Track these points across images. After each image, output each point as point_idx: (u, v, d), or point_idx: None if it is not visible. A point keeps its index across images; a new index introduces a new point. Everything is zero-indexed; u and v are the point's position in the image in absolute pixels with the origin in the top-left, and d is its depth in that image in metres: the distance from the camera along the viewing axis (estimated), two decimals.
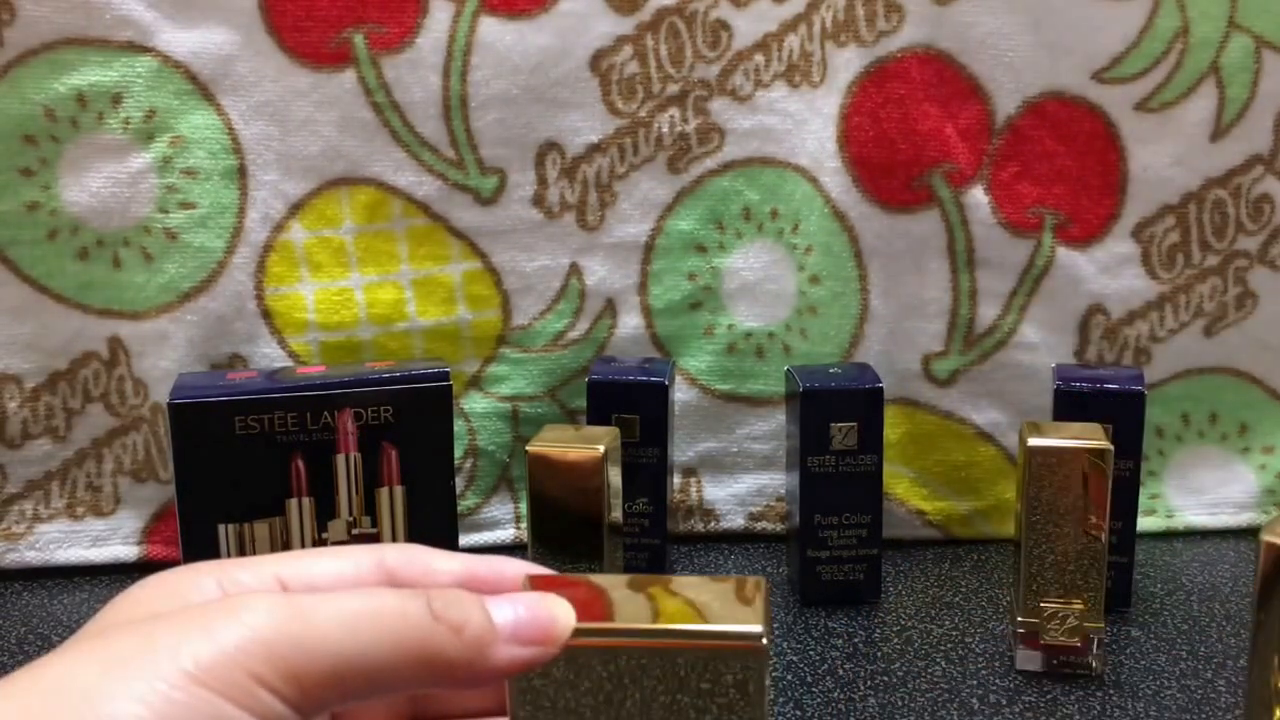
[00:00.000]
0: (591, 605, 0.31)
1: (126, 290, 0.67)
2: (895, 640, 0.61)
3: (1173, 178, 0.70)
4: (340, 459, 0.58)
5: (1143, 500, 0.64)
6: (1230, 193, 0.70)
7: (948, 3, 0.67)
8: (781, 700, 0.55)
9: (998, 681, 0.57)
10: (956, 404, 0.72)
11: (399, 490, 0.59)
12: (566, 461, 0.58)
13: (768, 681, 0.30)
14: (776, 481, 0.73)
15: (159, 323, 0.68)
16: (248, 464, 0.57)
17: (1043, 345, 0.71)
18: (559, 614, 0.30)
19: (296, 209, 0.68)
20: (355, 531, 0.59)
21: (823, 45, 0.69)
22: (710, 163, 0.70)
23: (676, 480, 0.73)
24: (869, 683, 0.57)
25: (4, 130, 0.65)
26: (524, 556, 0.41)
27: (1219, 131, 0.69)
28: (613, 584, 0.33)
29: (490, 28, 0.67)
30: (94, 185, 0.66)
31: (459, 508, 0.66)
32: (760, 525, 0.74)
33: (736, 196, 0.71)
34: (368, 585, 0.32)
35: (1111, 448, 0.55)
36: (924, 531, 0.73)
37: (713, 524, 0.74)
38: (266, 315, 0.69)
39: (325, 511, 0.58)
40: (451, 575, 0.33)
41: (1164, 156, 0.69)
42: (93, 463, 0.69)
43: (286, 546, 0.58)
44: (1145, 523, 0.67)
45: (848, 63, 0.68)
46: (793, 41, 0.69)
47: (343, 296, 0.69)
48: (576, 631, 0.30)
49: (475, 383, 0.71)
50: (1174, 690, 0.56)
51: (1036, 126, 0.69)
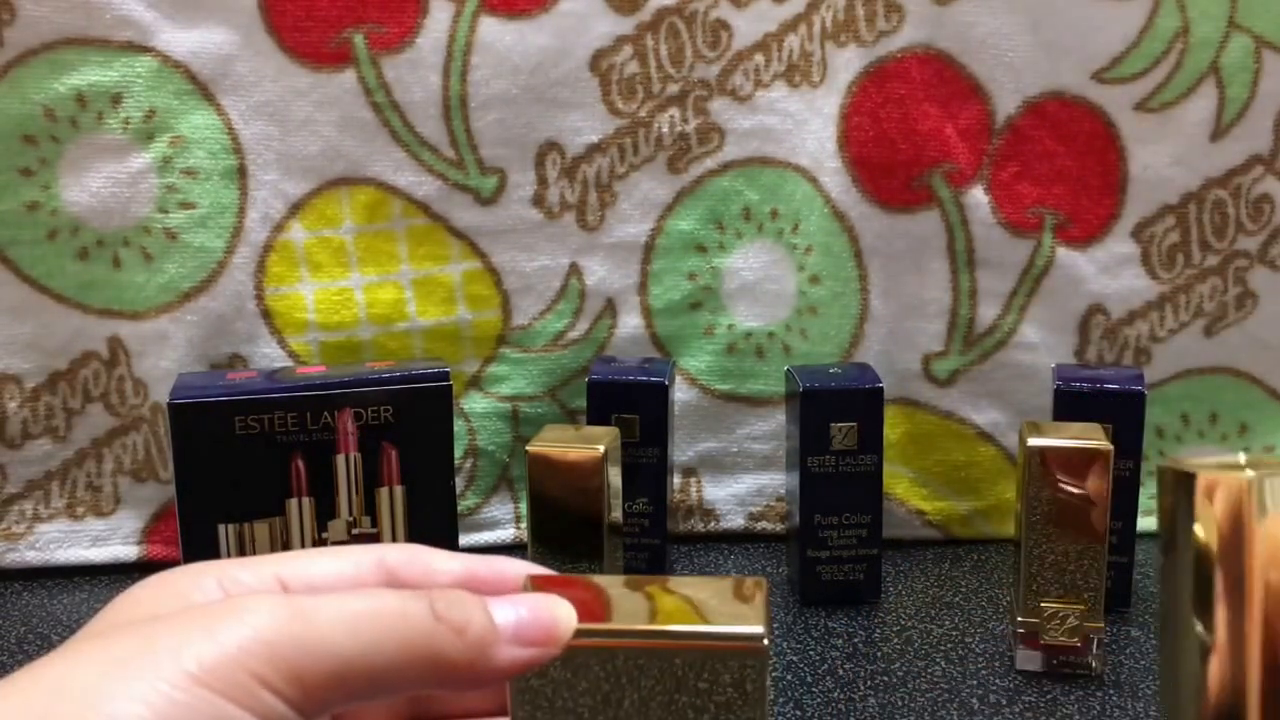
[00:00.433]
0: (593, 606, 0.31)
1: (126, 290, 0.67)
2: (895, 640, 0.61)
3: (1173, 178, 0.70)
4: (340, 459, 0.58)
5: (1143, 500, 0.64)
6: (1230, 193, 0.70)
7: (948, 3, 0.67)
8: (781, 700, 0.55)
9: (998, 681, 0.57)
10: (956, 404, 0.72)
11: (399, 490, 0.59)
12: (566, 461, 0.58)
13: (768, 682, 0.30)
14: (776, 481, 0.73)
15: (159, 323, 0.68)
16: (248, 464, 0.57)
17: (1043, 345, 0.71)
18: (561, 614, 0.30)
19: (296, 209, 0.68)
20: (355, 531, 0.58)
21: (823, 45, 0.69)
22: (710, 163, 0.70)
23: (676, 480, 0.73)
24: (869, 683, 0.57)
25: (4, 130, 0.65)
26: (524, 556, 0.41)
27: (1219, 131, 0.69)
28: (614, 584, 0.33)
29: (490, 28, 0.67)
30: (94, 185, 0.66)
31: (459, 508, 0.66)
32: (760, 525, 0.74)
33: (736, 196, 0.71)
34: (368, 585, 0.32)
35: (1111, 448, 0.55)
36: (924, 531, 0.73)
37: (712, 524, 0.74)
38: (266, 315, 0.69)
39: (325, 511, 0.58)
40: (452, 575, 0.33)
41: (1164, 156, 0.69)
42: (93, 463, 0.69)
43: (286, 546, 0.58)
44: (1145, 523, 0.67)
45: (848, 63, 0.68)
46: (793, 41, 0.69)
47: (343, 296, 0.69)
48: (578, 632, 0.30)
49: (475, 383, 0.71)
50: None
51: (1036, 126, 0.69)
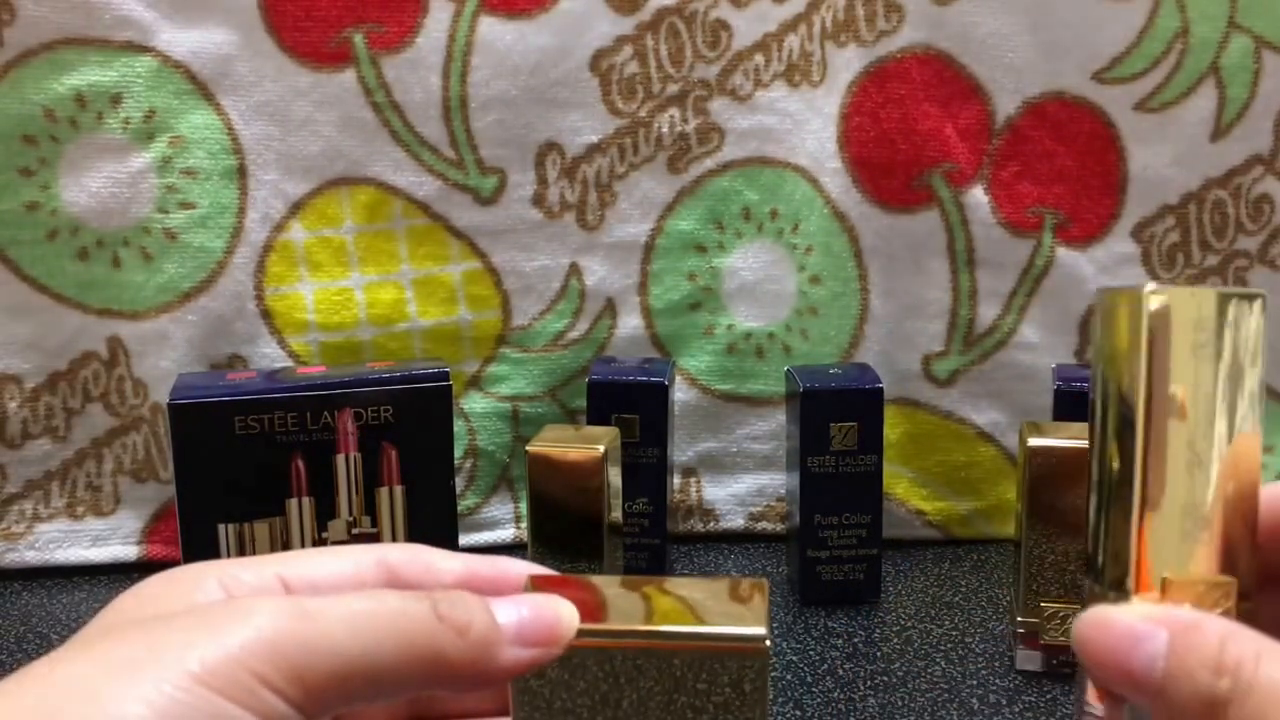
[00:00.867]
0: (594, 606, 0.31)
1: (126, 290, 0.67)
2: (895, 640, 0.61)
3: (1173, 178, 0.70)
4: (340, 459, 0.58)
5: None
6: (1230, 193, 0.70)
7: (948, 3, 0.67)
8: (781, 700, 0.55)
9: (998, 681, 0.57)
10: (956, 404, 0.72)
11: (399, 490, 0.59)
12: (566, 461, 0.58)
13: (768, 683, 0.30)
14: (776, 481, 0.73)
15: (159, 323, 0.68)
16: (248, 464, 0.57)
17: (1043, 345, 0.71)
18: (563, 615, 0.30)
19: (297, 209, 0.68)
20: (355, 531, 0.58)
21: (823, 45, 0.69)
22: (710, 163, 0.70)
23: (676, 480, 0.73)
24: (869, 683, 0.57)
25: (4, 130, 0.65)
26: (524, 556, 0.41)
27: (1219, 131, 0.69)
28: (615, 585, 0.33)
29: (490, 27, 0.67)
30: (94, 185, 0.66)
31: (459, 508, 0.66)
32: (760, 525, 0.74)
33: (736, 196, 0.71)
34: (369, 585, 0.32)
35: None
36: (924, 531, 0.73)
37: (712, 524, 0.74)
38: (266, 315, 0.69)
39: (325, 511, 0.58)
40: (453, 575, 0.33)
41: (1164, 156, 0.69)
42: (93, 463, 0.69)
43: (286, 546, 0.58)
44: None
45: (848, 63, 0.68)
46: (793, 41, 0.69)
47: (343, 296, 0.69)
48: (580, 632, 0.30)
49: (475, 383, 0.71)
50: None
51: (1036, 126, 0.69)
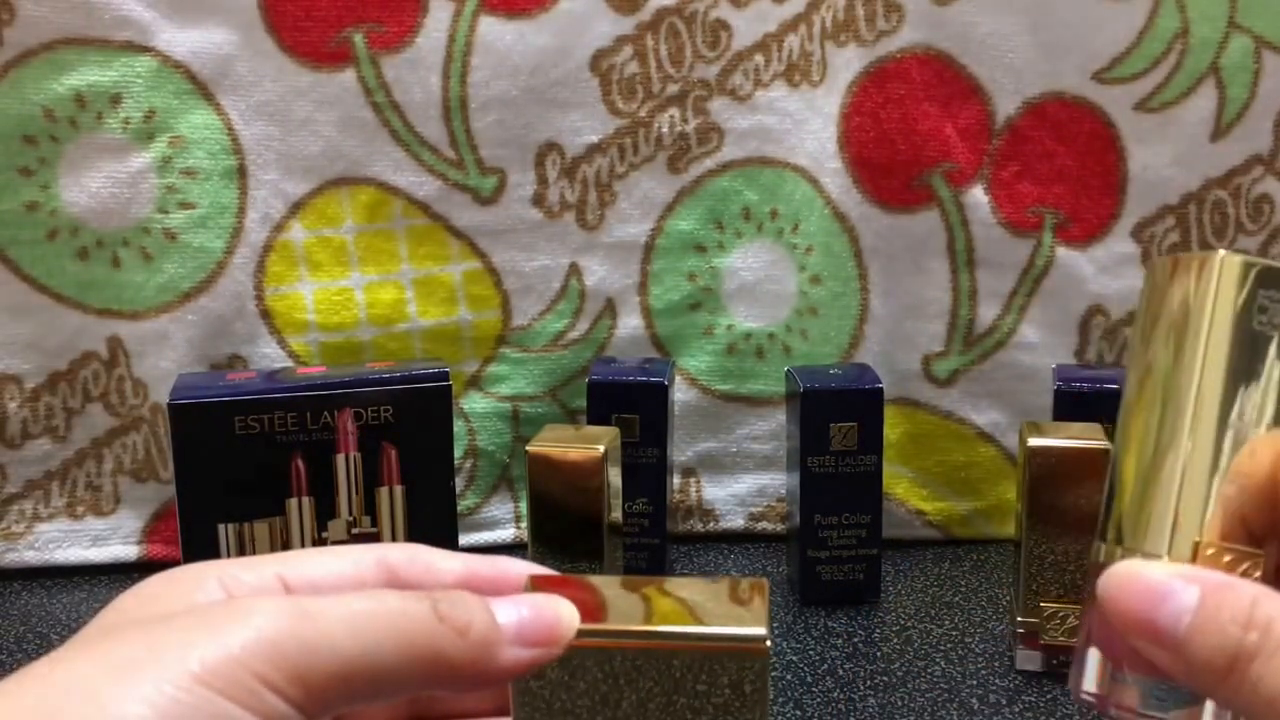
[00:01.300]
0: (594, 606, 0.31)
1: (126, 290, 0.67)
2: (895, 640, 0.61)
3: (1173, 178, 0.70)
4: (340, 459, 0.58)
5: None
6: (1230, 193, 0.70)
7: (948, 3, 0.67)
8: (781, 700, 0.55)
9: (998, 681, 0.57)
10: (956, 404, 0.72)
11: (399, 490, 0.59)
12: (566, 461, 0.58)
13: (769, 683, 0.30)
14: (777, 482, 0.73)
15: (159, 323, 0.68)
16: (248, 464, 0.57)
17: (1043, 345, 0.71)
18: (563, 615, 0.30)
19: (297, 209, 0.68)
20: (355, 531, 0.58)
21: (823, 45, 0.69)
22: (710, 163, 0.70)
23: (676, 480, 0.73)
24: (869, 683, 0.57)
25: (4, 130, 0.65)
26: (524, 556, 0.41)
27: (1219, 131, 0.69)
28: (615, 585, 0.33)
29: (490, 27, 0.67)
30: (93, 185, 0.66)
31: (459, 508, 0.66)
32: (760, 525, 0.74)
33: (736, 196, 0.71)
34: (369, 585, 0.32)
35: (1112, 447, 0.55)
36: (924, 531, 0.73)
37: (712, 524, 0.74)
38: (266, 315, 0.69)
39: (325, 511, 0.58)
40: (453, 575, 0.32)
41: (1164, 156, 0.69)
42: (93, 463, 0.69)
43: (286, 546, 0.58)
44: None
45: (848, 63, 0.68)
46: (792, 41, 0.69)
47: (343, 296, 0.69)
48: (580, 633, 0.30)
49: (475, 383, 0.71)
50: None
51: (1036, 126, 0.69)
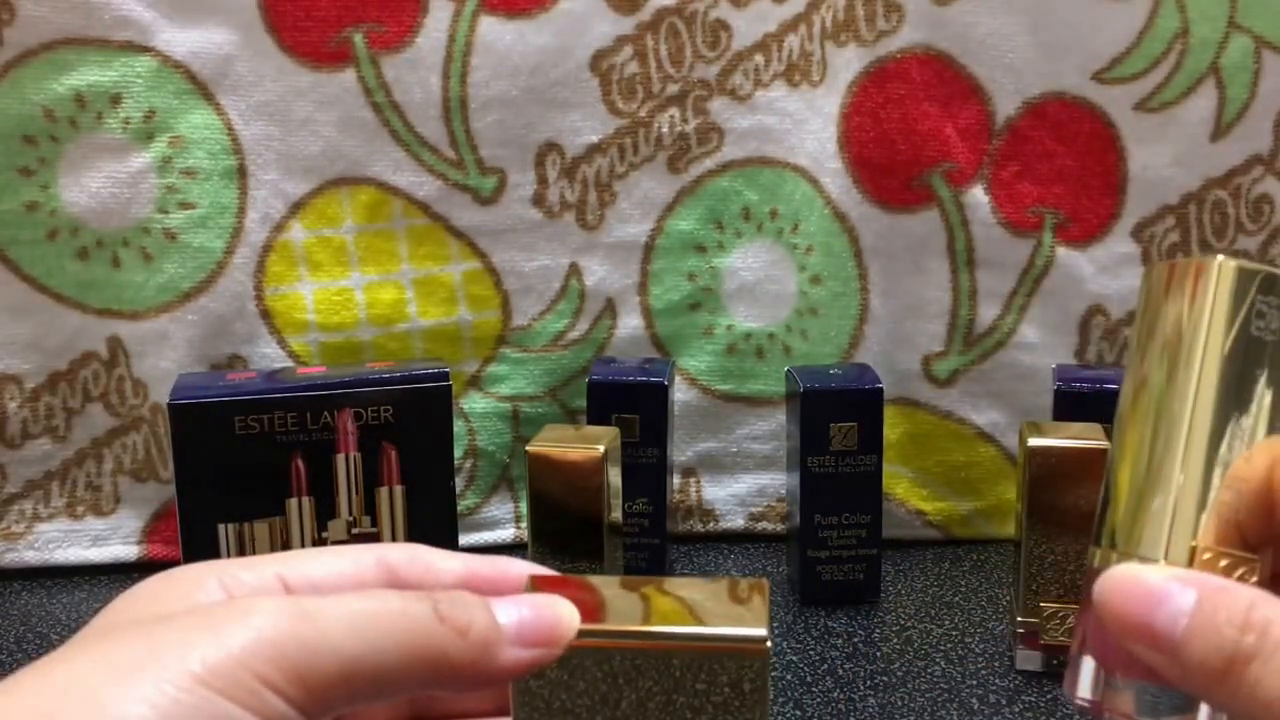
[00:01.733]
0: (594, 606, 0.31)
1: (126, 290, 0.67)
2: (895, 640, 0.61)
3: (1173, 178, 0.70)
4: (340, 459, 0.58)
5: None
6: (1230, 193, 0.70)
7: (948, 3, 0.67)
8: (781, 700, 0.55)
9: (998, 681, 0.57)
10: (956, 404, 0.72)
11: (399, 490, 0.59)
12: (566, 461, 0.58)
13: (769, 683, 0.30)
14: (777, 482, 0.73)
15: (159, 323, 0.68)
16: (248, 464, 0.57)
17: (1043, 345, 0.71)
18: (564, 615, 0.30)
19: (297, 209, 0.68)
20: (355, 531, 0.58)
21: (823, 45, 0.69)
22: (710, 163, 0.70)
23: (676, 480, 0.73)
24: (869, 683, 0.57)
25: (4, 130, 0.65)
26: (524, 556, 0.41)
27: (1219, 131, 0.69)
28: (615, 585, 0.33)
29: (490, 27, 0.67)
30: (93, 185, 0.66)
31: (459, 508, 0.66)
32: (760, 525, 0.74)
33: (736, 196, 0.71)
34: (370, 585, 0.32)
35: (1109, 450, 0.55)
36: (924, 531, 0.73)
37: (712, 524, 0.74)
38: (266, 315, 0.69)
39: (325, 511, 0.58)
40: (453, 575, 0.33)
41: (1164, 156, 0.69)
42: (93, 463, 0.69)
43: (286, 546, 0.58)
44: None
45: (848, 63, 0.68)
46: (792, 41, 0.69)
47: (343, 296, 0.69)
48: (580, 633, 0.30)
49: (475, 383, 0.71)
50: None
51: (1036, 127, 0.69)
